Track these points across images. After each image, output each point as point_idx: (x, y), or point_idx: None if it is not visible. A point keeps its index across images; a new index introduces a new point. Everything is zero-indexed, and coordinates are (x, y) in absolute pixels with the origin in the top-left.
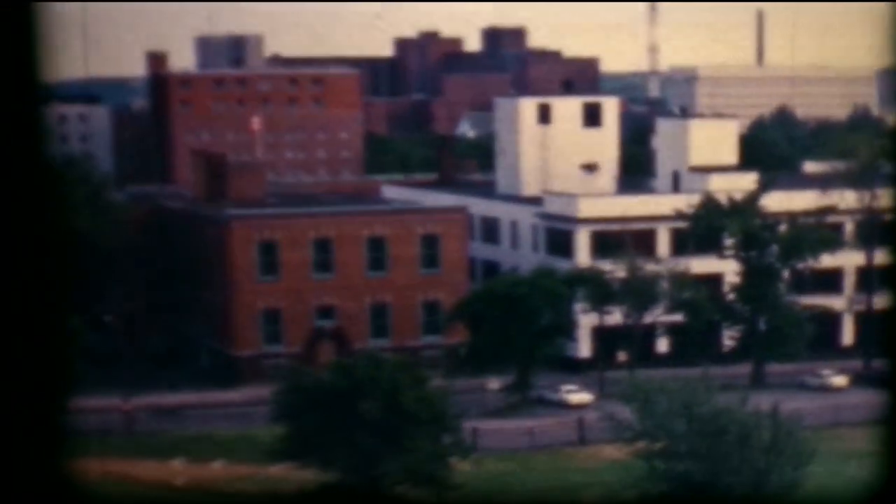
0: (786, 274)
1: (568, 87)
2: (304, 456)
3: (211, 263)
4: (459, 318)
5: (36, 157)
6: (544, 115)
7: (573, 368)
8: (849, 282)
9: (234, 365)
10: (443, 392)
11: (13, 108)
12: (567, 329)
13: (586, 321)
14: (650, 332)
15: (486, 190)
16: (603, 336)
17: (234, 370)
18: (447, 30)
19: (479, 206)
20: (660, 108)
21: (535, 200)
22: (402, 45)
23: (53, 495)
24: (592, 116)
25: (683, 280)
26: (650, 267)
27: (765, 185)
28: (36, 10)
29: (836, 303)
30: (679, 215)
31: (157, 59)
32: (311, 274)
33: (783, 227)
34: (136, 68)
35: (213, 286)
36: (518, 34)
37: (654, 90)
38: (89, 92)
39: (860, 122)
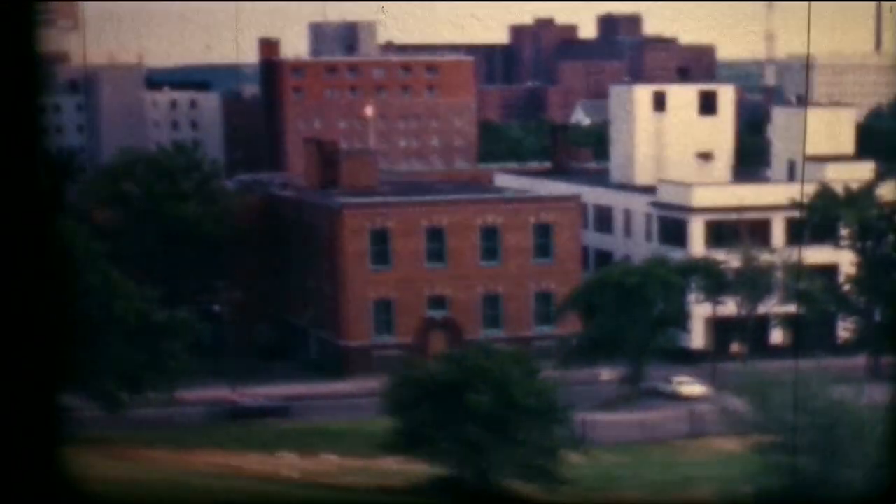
0: None
1: (683, 75)
2: (415, 449)
3: (322, 252)
4: (572, 307)
5: (31, 153)
6: (659, 103)
7: (686, 359)
8: None
9: (343, 356)
10: (554, 383)
11: (10, 103)
12: (680, 319)
13: (700, 311)
14: (764, 323)
15: (600, 178)
16: (717, 327)
17: (344, 361)
18: (562, 17)
19: (593, 195)
20: (776, 96)
21: (649, 189)
22: (518, 32)
23: (52, 495)
24: (708, 104)
25: (798, 270)
26: (765, 257)
27: (882, 175)
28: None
29: None
30: (794, 205)
31: (269, 46)
32: (423, 263)
33: None
34: (248, 55)
35: (324, 275)
36: (633, 21)
37: (770, 78)
38: (200, 78)
39: None
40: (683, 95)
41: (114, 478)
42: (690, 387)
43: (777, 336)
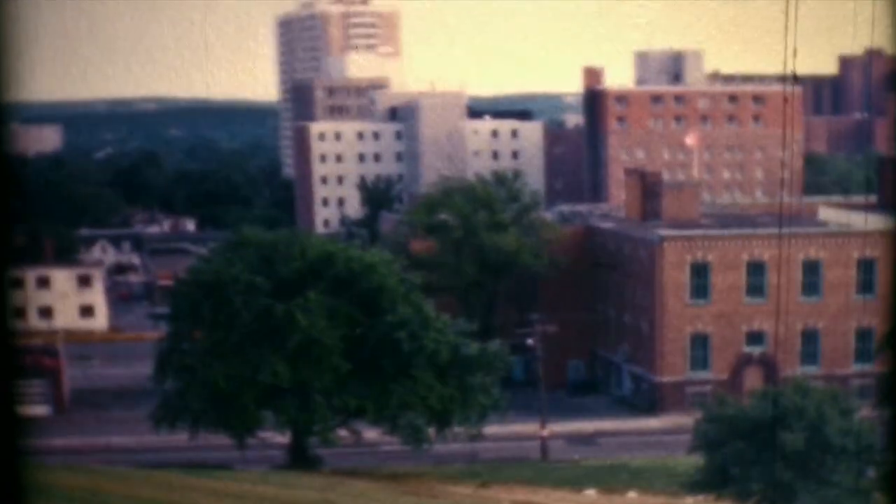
0: None
1: None
2: (721, 487)
3: (640, 285)
4: (891, 345)
5: None
6: None
7: None
8: None
9: (656, 391)
10: (870, 423)
11: None
12: None
13: None
14: None
15: None
16: None
17: (656, 397)
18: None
19: None
20: None
21: None
22: (846, 62)
23: None
24: None
25: None
26: None
27: None
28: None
29: None
30: None
31: (593, 75)
32: (742, 297)
33: None
34: (572, 84)
35: (641, 309)
36: None
37: None
38: (522, 107)
39: None
40: None
41: None
42: None
43: None
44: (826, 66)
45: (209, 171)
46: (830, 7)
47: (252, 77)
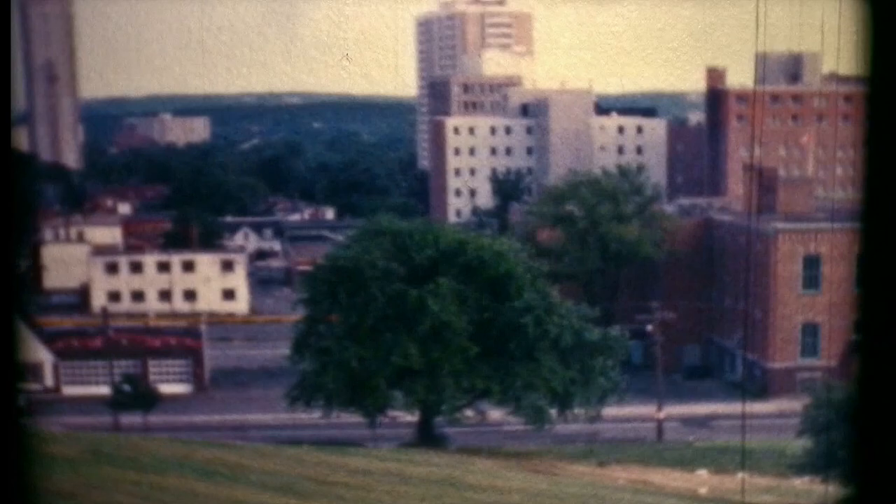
0: None
1: None
2: (828, 470)
3: (754, 275)
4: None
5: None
6: None
7: None
8: None
9: (767, 377)
10: None
11: None
12: None
13: None
14: None
15: None
16: None
17: (768, 382)
18: None
19: None
20: None
21: None
22: None
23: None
24: None
25: None
26: None
27: None
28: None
29: None
30: None
31: (715, 75)
32: (851, 289)
33: None
34: (695, 83)
35: (755, 298)
36: None
37: None
38: (647, 105)
39: None
40: None
41: (530, 489)
42: None
43: None
44: None
45: (349, 162)
46: None
47: (393, 74)
